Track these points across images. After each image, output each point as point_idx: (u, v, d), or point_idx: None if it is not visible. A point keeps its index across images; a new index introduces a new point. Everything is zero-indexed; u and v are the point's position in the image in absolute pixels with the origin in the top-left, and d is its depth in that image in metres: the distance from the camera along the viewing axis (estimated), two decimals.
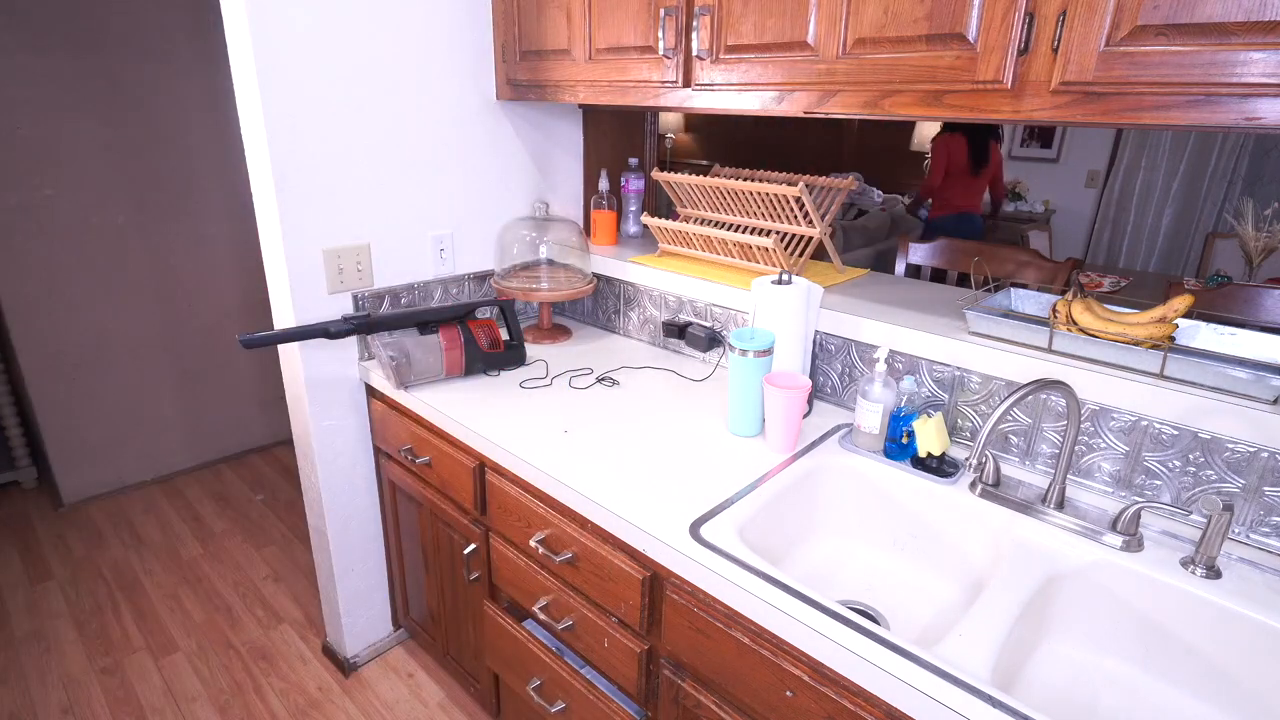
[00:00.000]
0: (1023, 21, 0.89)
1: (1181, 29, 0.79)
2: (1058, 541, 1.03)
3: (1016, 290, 1.32)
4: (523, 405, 1.44)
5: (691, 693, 1.07)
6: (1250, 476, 1.00)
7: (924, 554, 1.18)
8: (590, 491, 1.13)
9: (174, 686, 1.86)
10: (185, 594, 2.20)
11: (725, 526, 1.03)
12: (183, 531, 2.52)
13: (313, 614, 2.10)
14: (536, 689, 1.37)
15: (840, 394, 1.45)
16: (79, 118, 2.40)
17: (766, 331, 1.29)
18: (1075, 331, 1.13)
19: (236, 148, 1.67)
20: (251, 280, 2.87)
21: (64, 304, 2.49)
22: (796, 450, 1.26)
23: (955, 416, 1.28)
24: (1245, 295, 1.97)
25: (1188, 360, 1.03)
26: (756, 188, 1.54)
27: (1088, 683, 0.98)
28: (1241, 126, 0.79)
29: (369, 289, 1.62)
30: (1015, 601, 0.92)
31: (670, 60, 1.31)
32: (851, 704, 0.85)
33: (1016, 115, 0.94)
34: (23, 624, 2.07)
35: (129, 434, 2.74)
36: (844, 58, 1.08)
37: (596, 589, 1.18)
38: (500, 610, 1.45)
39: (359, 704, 1.81)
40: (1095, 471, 1.13)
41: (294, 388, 1.63)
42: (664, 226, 1.72)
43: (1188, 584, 0.94)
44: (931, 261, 2.18)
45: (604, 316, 1.91)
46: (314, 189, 1.47)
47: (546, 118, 1.88)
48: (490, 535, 1.42)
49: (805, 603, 0.88)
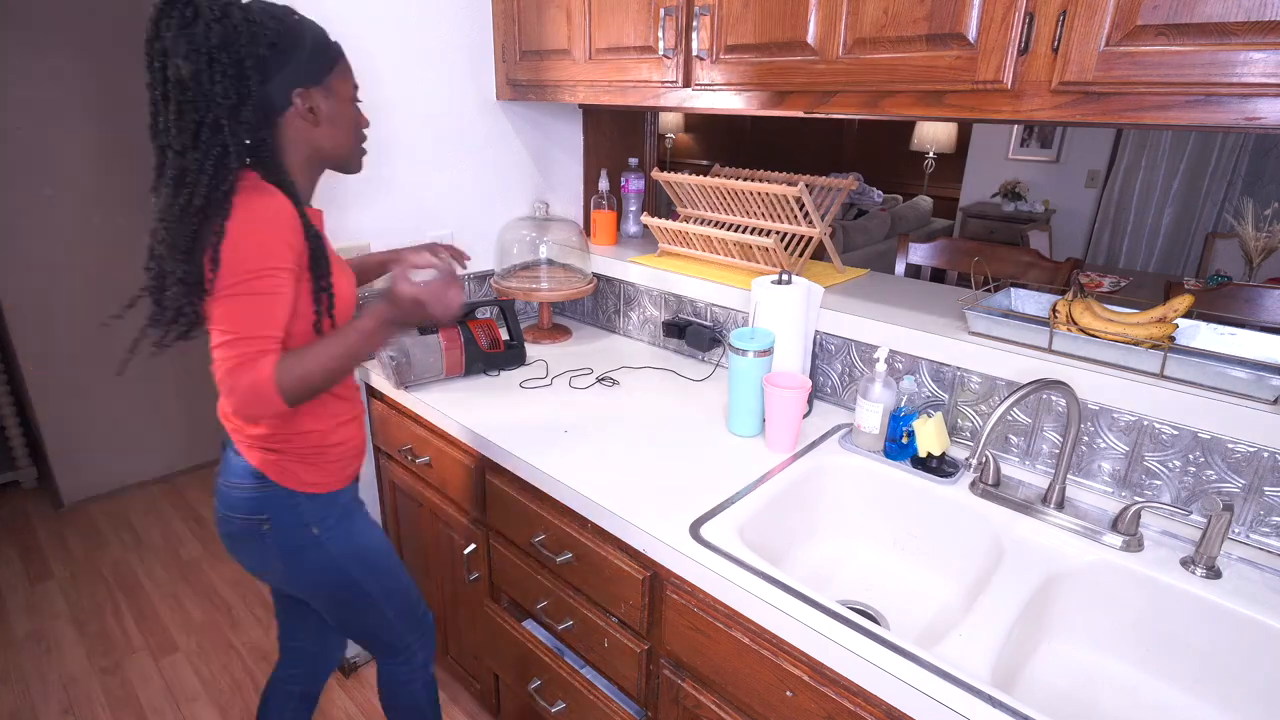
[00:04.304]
0: (1023, 21, 0.89)
1: (1181, 29, 0.79)
2: (1058, 541, 1.03)
3: (1016, 290, 1.32)
4: (523, 405, 1.44)
5: (691, 693, 1.07)
6: (1250, 476, 1.00)
7: (924, 554, 1.18)
8: (590, 491, 1.13)
9: (174, 686, 1.86)
10: (185, 594, 2.21)
11: (725, 526, 1.03)
12: (183, 531, 2.52)
13: None
14: (537, 689, 1.37)
15: (840, 394, 1.45)
16: (79, 118, 2.40)
17: (766, 331, 1.29)
18: (1075, 331, 1.13)
19: None
20: None
21: (64, 304, 2.49)
22: (796, 450, 1.26)
23: (955, 416, 1.28)
24: (1245, 295, 1.97)
25: (1188, 360, 1.03)
26: (756, 188, 1.54)
27: (1088, 683, 0.98)
28: (1241, 126, 0.79)
29: (368, 289, 1.62)
30: (1015, 601, 0.92)
31: (670, 60, 1.31)
32: (851, 704, 0.85)
33: (1016, 115, 0.94)
34: (23, 624, 2.07)
35: (129, 434, 2.74)
36: (844, 58, 1.08)
37: (596, 589, 1.18)
38: (500, 610, 1.45)
39: (359, 704, 1.81)
40: (1095, 471, 1.14)
41: None
42: (664, 226, 1.72)
43: (1188, 584, 0.94)
44: (931, 261, 2.18)
45: (604, 316, 1.91)
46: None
47: (546, 118, 1.88)
48: (490, 535, 1.42)
49: (805, 603, 0.88)
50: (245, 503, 1.05)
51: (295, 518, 1.07)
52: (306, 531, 1.07)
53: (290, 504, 1.06)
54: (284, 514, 1.06)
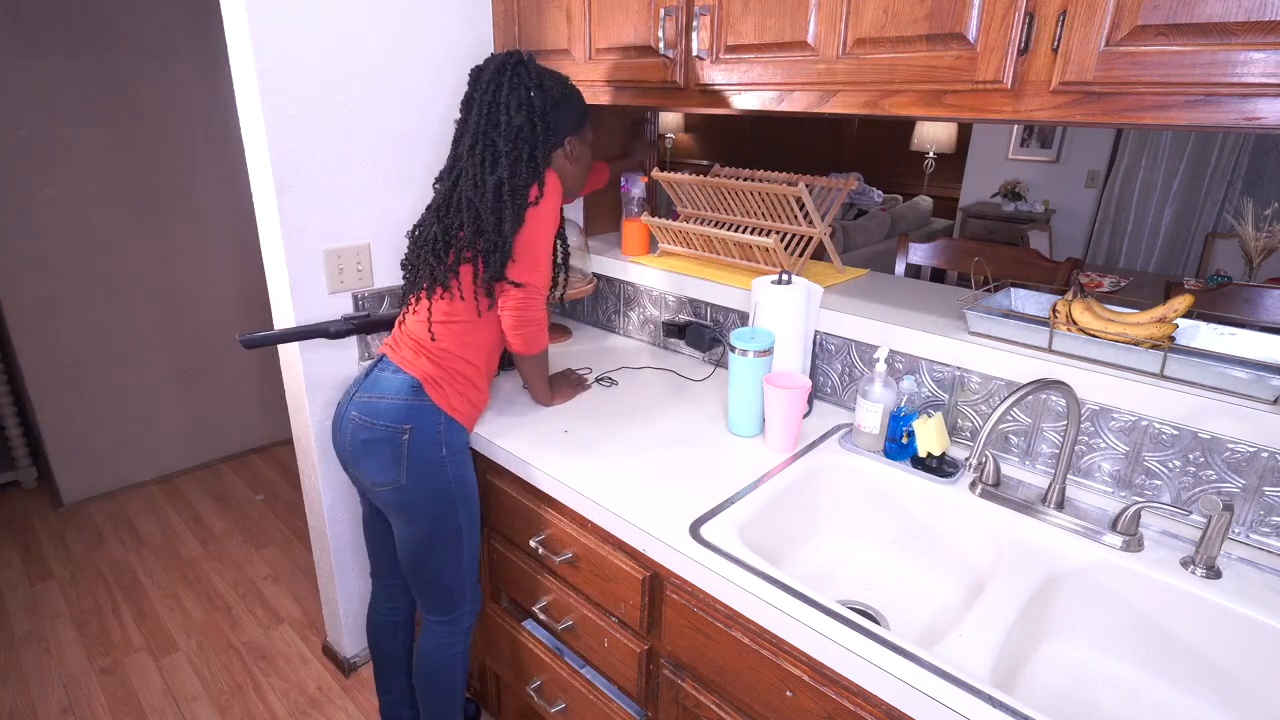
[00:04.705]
0: (1023, 21, 0.89)
1: (1181, 29, 0.79)
2: (1058, 541, 1.03)
3: (1016, 290, 1.32)
4: (522, 405, 1.44)
5: (691, 693, 1.07)
6: (1250, 476, 1.00)
7: (924, 554, 1.18)
8: (590, 491, 1.13)
9: (174, 686, 1.86)
10: (185, 594, 2.20)
11: (725, 526, 1.03)
12: (183, 531, 2.52)
13: (313, 614, 2.10)
14: (536, 689, 1.37)
15: (840, 394, 1.45)
16: (79, 118, 2.40)
17: (766, 331, 1.29)
18: (1075, 331, 1.13)
19: (236, 148, 1.66)
20: (251, 280, 2.87)
21: (64, 304, 2.49)
22: (796, 450, 1.26)
23: (955, 416, 1.28)
24: (1245, 295, 1.97)
25: (1188, 360, 1.03)
26: (757, 187, 1.54)
27: (1088, 683, 0.98)
28: (1241, 126, 0.79)
29: (369, 289, 1.62)
30: (1015, 601, 0.92)
31: (670, 60, 1.31)
32: (851, 704, 0.85)
33: (1016, 115, 0.94)
34: (23, 624, 2.07)
35: (129, 434, 2.74)
36: (844, 58, 1.08)
37: (596, 589, 1.18)
38: (500, 610, 1.45)
39: (359, 704, 1.81)
40: (1095, 471, 1.13)
41: (294, 388, 1.63)
42: (664, 226, 1.72)
43: (1188, 584, 0.94)
44: (931, 261, 2.18)
45: (604, 316, 1.91)
46: (314, 189, 1.47)
47: None
48: (490, 535, 1.42)
49: (805, 603, 0.88)
50: (394, 411, 1.21)
51: (434, 434, 1.23)
52: (438, 450, 1.23)
53: (434, 420, 1.23)
54: (426, 428, 1.22)
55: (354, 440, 1.24)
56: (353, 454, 1.26)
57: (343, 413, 1.27)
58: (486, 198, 1.20)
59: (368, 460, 1.23)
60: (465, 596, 1.34)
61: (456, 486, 1.26)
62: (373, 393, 1.24)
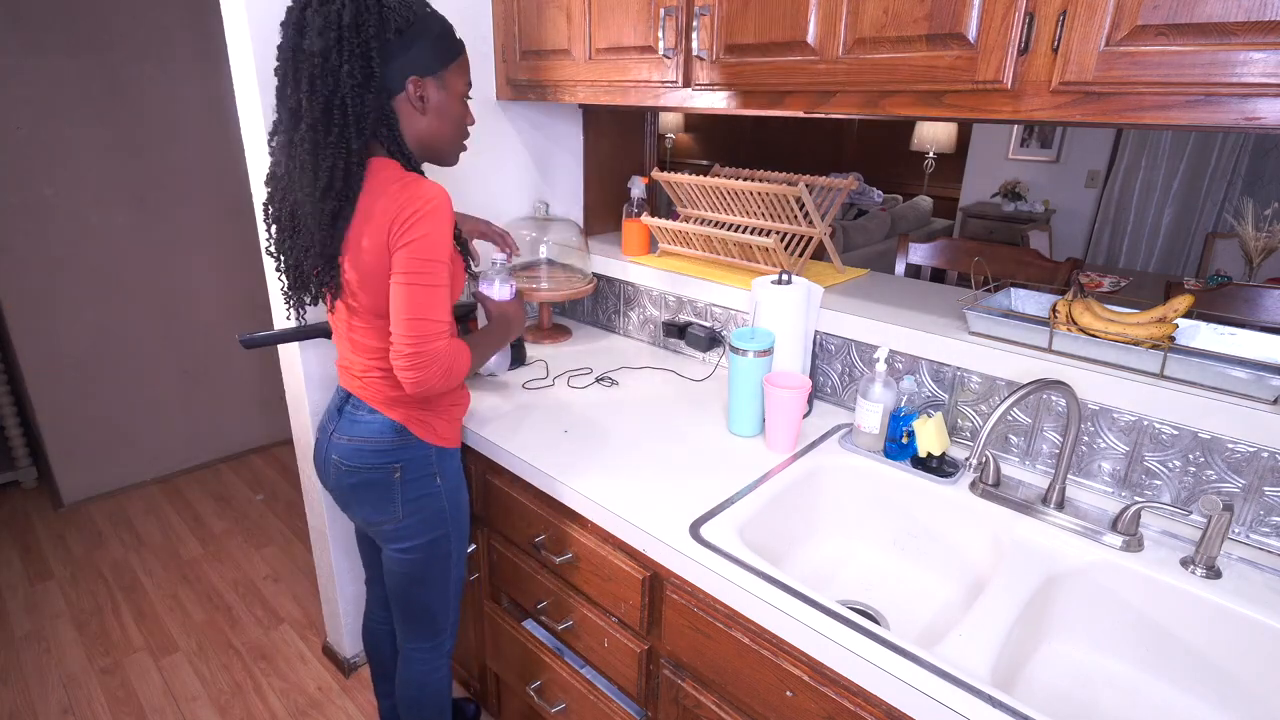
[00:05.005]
0: (1023, 21, 0.89)
1: (1181, 29, 0.79)
2: (1058, 541, 1.03)
3: (1016, 290, 1.32)
4: (522, 405, 1.44)
5: (691, 693, 1.07)
6: (1250, 476, 1.00)
7: (924, 554, 1.18)
8: (590, 492, 1.13)
9: (174, 686, 1.86)
10: (185, 594, 2.20)
11: (725, 526, 1.03)
12: (183, 531, 2.52)
13: (313, 614, 2.10)
14: (537, 689, 1.37)
15: (840, 394, 1.45)
16: (79, 118, 2.40)
17: (767, 331, 1.29)
18: (1075, 331, 1.13)
19: (236, 148, 1.66)
20: (251, 280, 2.87)
21: (64, 304, 2.50)
22: (796, 450, 1.26)
23: (955, 416, 1.28)
24: (1245, 295, 1.97)
25: (1188, 360, 1.03)
26: (757, 187, 1.54)
27: (1088, 683, 0.98)
28: (1241, 126, 0.79)
29: None
30: (1015, 601, 0.92)
31: (670, 60, 1.31)
32: (851, 704, 0.85)
33: (1016, 115, 0.94)
34: (23, 624, 2.07)
35: (129, 434, 2.74)
36: (844, 58, 1.08)
37: (596, 589, 1.18)
38: (500, 610, 1.45)
39: (359, 704, 1.81)
40: (1095, 471, 1.13)
41: (294, 388, 1.63)
42: (664, 226, 1.72)
43: (1188, 584, 0.94)
44: (931, 261, 2.18)
45: (604, 316, 1.91)
46: None
47: (546, 118, 1.88)
48: (490, 535, 1.42)
49: (805, 603, 0.88)
50: (380, 454, 1.13)
51: (426, 468, 1.16)
52: (432, 481, 1.18)
53: (424, 455, 1.16)
54: (417, 463, 1.16)
55: (340, 485, 1.18)
56: (341, 497, 1.21)
57: (324, 454, 1.19)
58: (298, 172, 0.96)
59: (359, 505, 1.18)
60: (449, 621, 1.31)
61: (451, 511, 1.22)
62: (352, 435, 1.14)
